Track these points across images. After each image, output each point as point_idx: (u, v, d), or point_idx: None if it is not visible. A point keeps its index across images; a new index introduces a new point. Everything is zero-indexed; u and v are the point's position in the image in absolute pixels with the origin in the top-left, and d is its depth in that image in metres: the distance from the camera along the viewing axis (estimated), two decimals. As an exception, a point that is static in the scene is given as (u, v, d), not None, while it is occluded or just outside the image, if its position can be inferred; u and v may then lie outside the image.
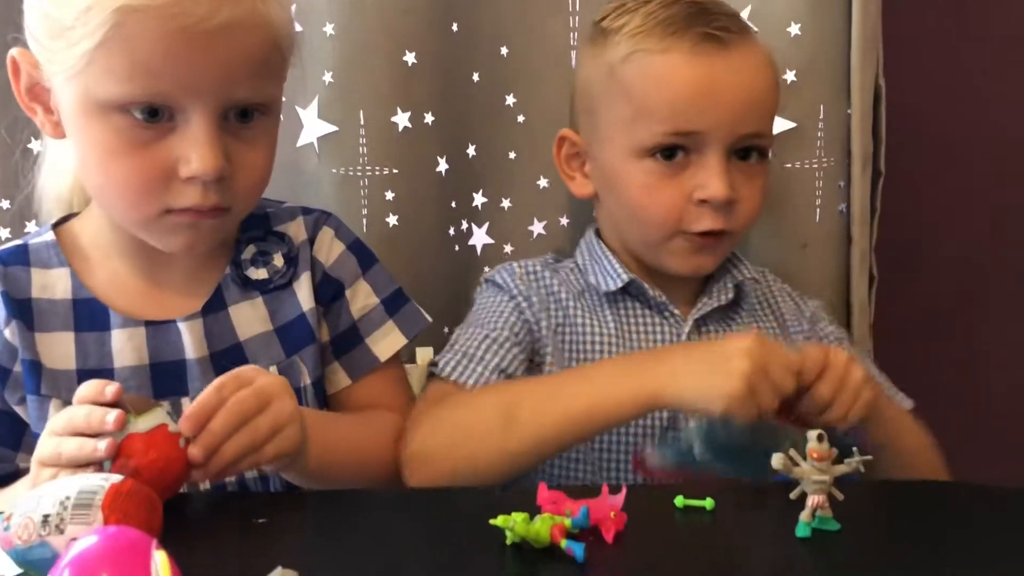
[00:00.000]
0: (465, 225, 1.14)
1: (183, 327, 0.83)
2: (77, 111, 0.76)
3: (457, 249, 1.13)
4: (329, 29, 1.04)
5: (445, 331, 1.08)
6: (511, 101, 1.12)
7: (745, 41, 0.93)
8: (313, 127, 1.05)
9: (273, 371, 0.84)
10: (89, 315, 0.82)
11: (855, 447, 0.68)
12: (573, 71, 1.03)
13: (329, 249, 0.90)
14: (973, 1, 1.33)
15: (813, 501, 0.65)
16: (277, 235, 0.89)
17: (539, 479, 0.79)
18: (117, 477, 0.59)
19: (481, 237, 1.14)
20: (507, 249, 1.14)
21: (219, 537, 0.67)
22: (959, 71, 1.33)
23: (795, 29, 1.07)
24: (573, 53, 1.10)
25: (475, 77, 1.11)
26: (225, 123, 0.76)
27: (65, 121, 0.78)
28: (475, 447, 0.81)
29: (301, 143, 1.06)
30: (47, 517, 0.57)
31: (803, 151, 1.09)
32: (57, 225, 0.87)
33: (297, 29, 0.92)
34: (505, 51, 1.11)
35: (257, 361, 0.84)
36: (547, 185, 1.12)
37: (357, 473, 0.82)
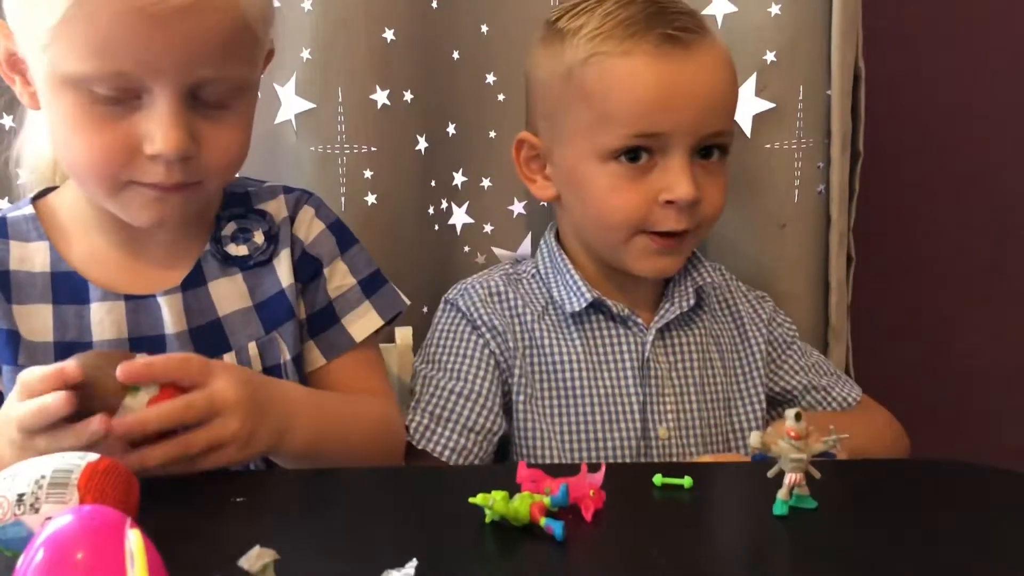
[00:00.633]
0: (445, 204, 1.13)
1: (162, 301, 0.83)
2: (47, 84, 0.75)
3: (437, 228, 1.13)
4: (307, 5, 1.02)
5: (424, 311, 1.07)
6: (491, 79, 1.11)
7: (705, 41, 0.92)
8: (291, 104, 1.04)
9: (252, 347, 0.84)
10: (68, 288, 0.82)
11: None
12: (526, 76, 1.01)
13: (309, 227, 0.90)
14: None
15: (790, 479, 0.66)
16: (258, 213, 0.88)
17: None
18: (93, 456, 0.59)
19: (461, 216, 1.14)
20: (487, 229, 1.14)
21: (196, 516, 0.66)
22: (940, 52, 1.33)
23: (775, 9, 1.07)
24: (554, 31, 1.09)
25: (455, 55, 1.10)
26: (194, 102, 0.76)
27: (39, 93, 0.78)
28: None
29: (279, 120, 1.05)
30: (22, 496, 0.56)
31: (782, 132, 1.10)
32: (36, 199, 0.87)
33: (275, 5, 0.91)
34: (485, 29, 1.10)
35: (236, 336, 0.84)
36: (527, 164, 1.12)
37: (343, 460, 0.82)
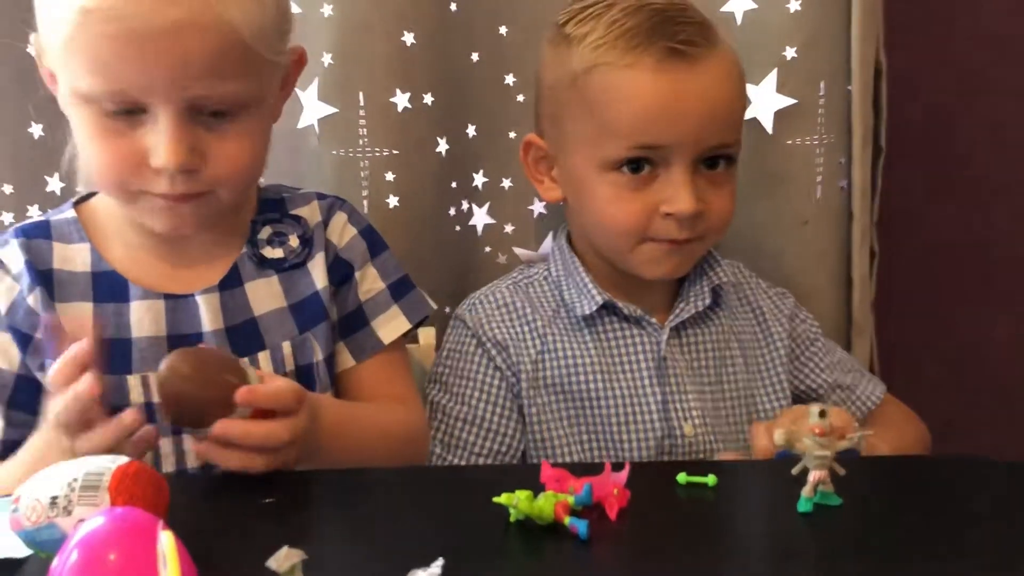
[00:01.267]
0: (466, 205, 1.14)
1: (200, 300, 0.85)
2: (68, 98, 0.79)
3: (458, 229, 1.13)
4: (327, 10, 1.03)
5: (447, 311, 1.08)
6: (510, 80, 1.11)
7: (711, 52, 0.91)
8: (313, 109, 1.05)
9: (287, 347, 0.87)
10: (108, 287, 0.85)
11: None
12: (536, 76, 1.00)
13: (342, 232, 0.92)
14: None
15: (815, 476, 0.65)
16: (292, 218, 0.91)
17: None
18: (123, 459, 0.60)
19: (482, 217, 1.14)
20: (508, 229, 1.14)
21: (225, 517, 0.67)
22: (962, 45, 1.32)
23: (795, 5, 1.06)
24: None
25: (474, 57, 1.11)
26: (196, 115, 0.78)
27: (66, 105, 0.81)
28: None
29: (302, 125, 1.06)
30: (55, 499, 0.57)
31: (803, 127, 1.09)
32: (78, 203, 0.90)
33: (296, 11, 0.92)
34: (504, 30, 1.11)
35: (270, 335, 0.86)
36: (547, 164, 1.12)
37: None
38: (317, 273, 0.89)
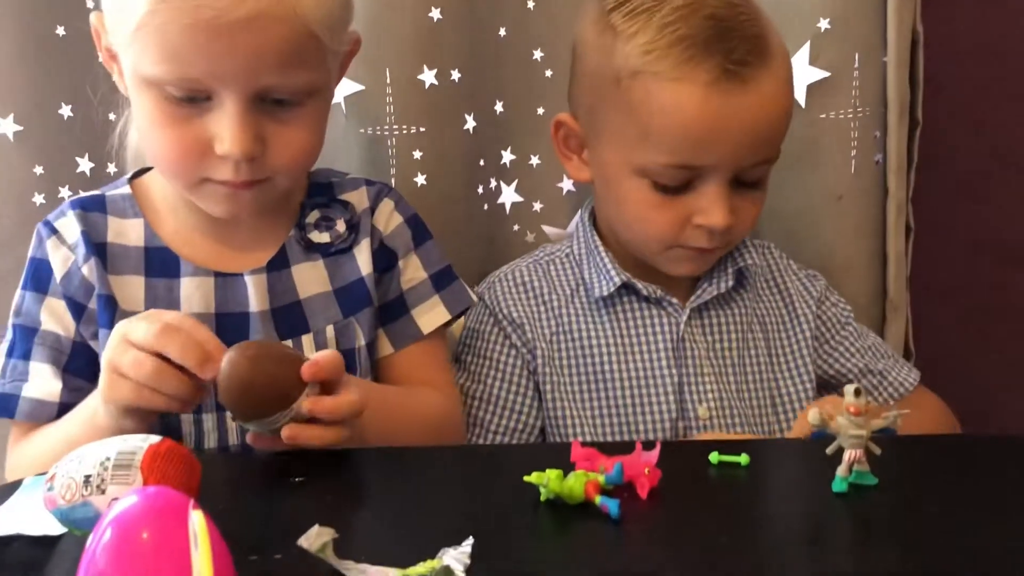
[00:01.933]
0: (494, 183, 1.13)
1: (249, 280, 0.86)
2: (131, 81, 0.80)
3: (486, 208, 1.13)
4: (354, -13, 1.02)
5: (475, 289, 1.07)
6: (538, 56, 1.10)
7: (765, 69, 0.87)
8: (340, 86, 1.04)
9: (330, 330, 0.87)
10: (160, 262, 0.86)
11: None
12: (573, 49, 0.97)
13: (388, 220, 0.92)
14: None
15: (850, 456, 0.65)
16: (340, 203, 0.91)
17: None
18: (155, 438, 0.60)
19: (510, 195, 1.13)
20: (536, 207, 1.13)
21: (256, 496, 0.68)
22: (1003, 13, 1.29)
23: (829, -25, 1.04)
24: (601, 5, 1.08)
25: (502, 32, 1.10)
26: (261, 104, 0.79)
27: (128, 87, 0.82)
28: None
29: (328, 103, 1.05)
30: (88, 477, 0.58)
31: (838, 101, 1.07)
32: (133, 178, 0.91)
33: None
34: (532, 5, 1.09)
35: (315, 319, 0.87)
36: (576, 141, 1.11)
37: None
38: (362, 259, 0.90)
